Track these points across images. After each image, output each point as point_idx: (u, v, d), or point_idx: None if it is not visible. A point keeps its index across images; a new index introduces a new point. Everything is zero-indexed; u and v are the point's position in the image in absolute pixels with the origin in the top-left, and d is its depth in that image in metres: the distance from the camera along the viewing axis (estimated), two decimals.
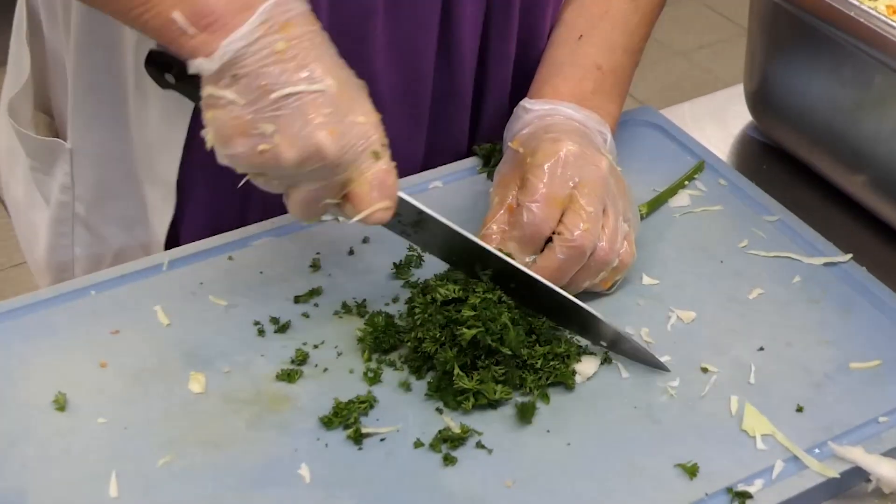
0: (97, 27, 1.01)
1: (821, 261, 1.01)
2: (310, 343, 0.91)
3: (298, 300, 0.95)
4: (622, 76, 1.08)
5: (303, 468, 0.81)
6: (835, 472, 0.82)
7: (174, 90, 0.89)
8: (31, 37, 1.10)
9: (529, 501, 0.80)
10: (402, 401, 0.87)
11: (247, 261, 0.99)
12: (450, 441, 0.83)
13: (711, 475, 0.82)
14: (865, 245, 1.08)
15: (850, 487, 0.84)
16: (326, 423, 0.84)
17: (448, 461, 0.82)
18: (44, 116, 1.15)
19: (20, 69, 1.12)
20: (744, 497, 0.80)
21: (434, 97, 1.09)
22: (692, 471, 0.82)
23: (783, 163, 1.20)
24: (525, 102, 1.05)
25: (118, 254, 1.11)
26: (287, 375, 0.88)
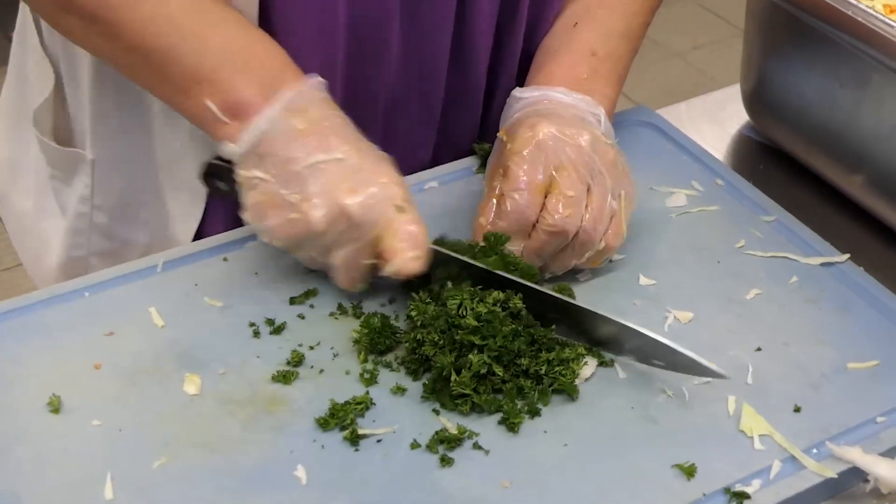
0: None
1: (818, 261, 1.01)
2: (305, 344, 0.91)
3: (294, 301, 0.94)
4: (619, 62, 1.07)
5: (299, 470, 0.81)
6: (832, 473, 0.82)
7: (226, 195, 0.95)
8: (47, 51, 1.10)
9: (526, 502, 0.80)
10: (399, 402, 0.87)
11: (242, 262, 0.98)
12: (446, 442, 0.83)
13: (709, 475, 0.82)
14: (863, 245, 1.08)
15: (848, 487, 0.84)
16: (322, 425, 0.84)
17: (445, 462, 0.82)
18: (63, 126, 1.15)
19: (40, 80, 1.11)
20: (741, 497, 0.80)
21: (446, 99, 1.09)
22: (690, 471, 0.82)
23: (780, 163, 1.20)
24: (516, 91, 1.05)
25: (143, 254, 1.11)
26: (283, 377, 0.88)
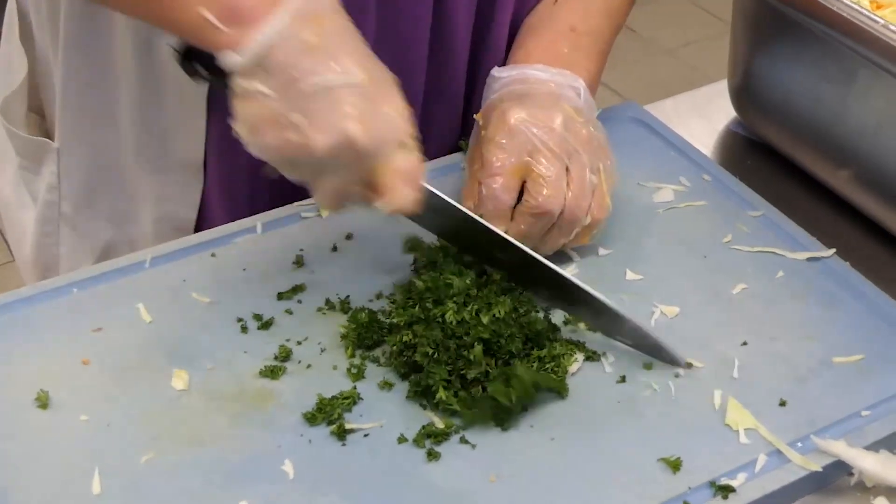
0: (87, 29, 1.01)
1: (804, 256, 1.01)
2: (293, 339, 0.91)
3: (282, 297, 0.95)
4: (600, 37, 1.07)
5: (286, 464, 0.81)
6: (817, 466, 0.82)
7: (203, 80, 0.88)
8: (24, 38, 1.10)
9: (513, 496, 0.80)
10: (386, 397, 0.87)
11: (229, 258, 0.99)
12: (433, 436, 0.83)
13: (695, 469, 0.82)
14: (849, 240, 1.08)
15: (833, 481, 0.84)
16: (310, 420, 0.84)
17: (432, 456, 0.82)
18: (35, 117, 1.15)
19: (14, 69, 1.12)
20: (727, 490, 0.80)
21: (426, 94, 1.09)
22: (676, 465, 0.82)
23: (767, 158, 1.20)
24: (495, 70, 1.05)
25: (105, 250, 1.11)
26: (270, 372, 0.88)
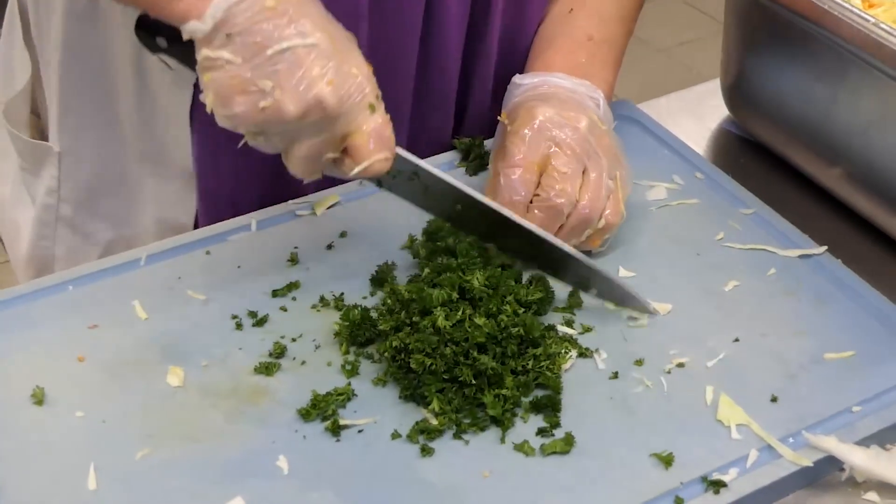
0: (83, 31, 1.01)
1: (796, 253, 1.02)
2: (288, 336, 0.91)
3: (276, 294, 0.95)
4: (615, 45, 1.09)
5: (281, 460, 0.82)
6: (808, 461, 0.83)
7: (166, 55, 0.89)
8: (26, 38, 1.10)
9: (506, 491, 0.81)
10: (380, 393, 0.87)
11: (224, 255, 0.99)
12: (427, 432, 0.84)
13: (686, 464, 0.83)
14: (840, 237, 1.09)
15: (824, 476, 0.85)
16: (304, 416, 0.85)
17: (425, 452, 0.83)
18: (33, 118, 1.16)
19: (17, 72, 1.12)
20: (718, 485, 0.81)
21: (416, 99, 1.09)
22: (668, 460, 0.83)
23: (759, 156, 1.21)
24: (516, 77, 1.07)
25: (104, 252, 1.11)
26: (265, 368, 0.88)
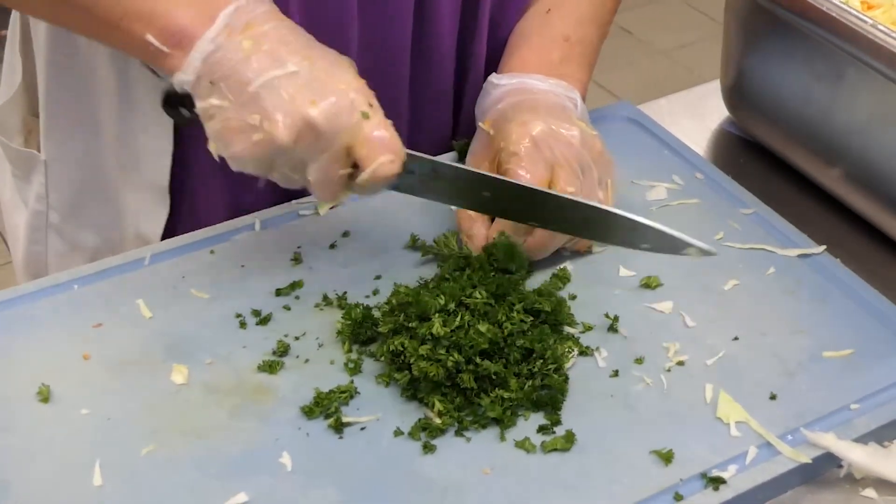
0: (67, 41, 1.02)
1: (795, 252, 1.03)
2: (291, 335, 0.92)
3: (280, 293, 0.96)
4: (590, 46, 1.10)
5: (284, 457, 0.82)
6: (807, 458, 0.84)
7: (195, 124, 0.91)
8: (24, 47, 1.11)
9: (507, 488, 0.81)
10: (383, 391, 0.88)
11: (228, 255, 1.00)
12: (429, 430, 0.84)
13: (686, 461, 0.83)
14: (839, 236, 1.10)
15: (823, 473, 0.86)
16: (307, 413, 0.85)
17: (427, 449, 0.84)
18: (35, 121, 1.16)
19: (10, 78, 1.13)
20: (718, 482, 0.82)
21: (413, 97, 1.10)
22: (667, 457, 0.83)
23: (759, 156, 1.21)
24: (493, 77, 1.07)
25: (91, 259, 1.12)
26: (268, 366, 0.89)
